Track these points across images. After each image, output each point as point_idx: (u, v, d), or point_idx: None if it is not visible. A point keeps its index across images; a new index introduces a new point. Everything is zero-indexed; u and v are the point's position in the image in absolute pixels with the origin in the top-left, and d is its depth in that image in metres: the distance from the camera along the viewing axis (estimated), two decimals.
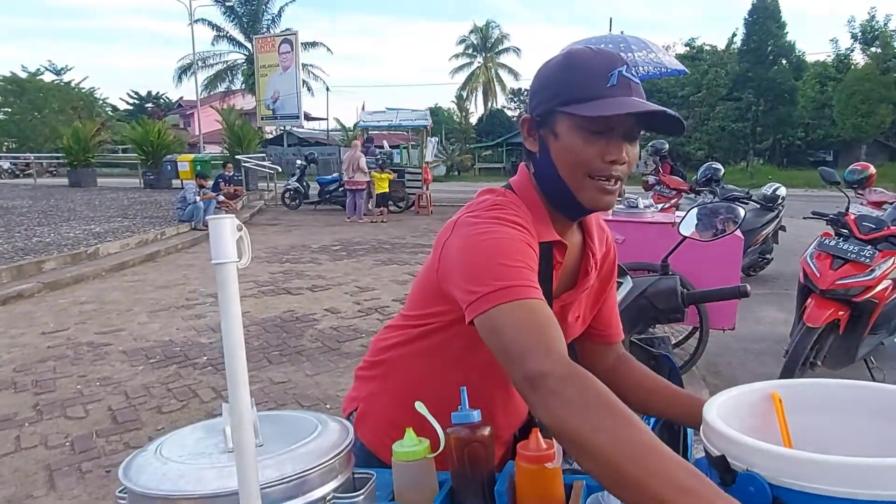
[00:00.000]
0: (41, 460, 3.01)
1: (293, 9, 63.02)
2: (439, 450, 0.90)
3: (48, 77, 36.91)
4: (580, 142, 0.96)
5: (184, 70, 31.64)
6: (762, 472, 0.69)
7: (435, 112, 34.09)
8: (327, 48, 33.87)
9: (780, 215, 7.01)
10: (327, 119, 36.85)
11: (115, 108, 45.36)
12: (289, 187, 15.21)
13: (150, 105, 46.16)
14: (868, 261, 3.38)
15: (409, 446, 0.90)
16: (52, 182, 23.41)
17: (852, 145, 28.80)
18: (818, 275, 3.45)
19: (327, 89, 34.87)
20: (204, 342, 4.80)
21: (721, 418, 0.79)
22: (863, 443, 0.83)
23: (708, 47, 34.96)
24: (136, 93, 49.02)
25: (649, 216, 4.39)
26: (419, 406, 0.93)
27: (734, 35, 32.55)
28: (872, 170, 5.87)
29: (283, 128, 24.49)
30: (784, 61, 29.75)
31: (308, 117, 33.17)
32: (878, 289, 3.38)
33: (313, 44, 31.51)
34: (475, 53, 42.87)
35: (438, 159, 28.67)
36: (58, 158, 24.23)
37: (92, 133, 20.97)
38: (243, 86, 32.24)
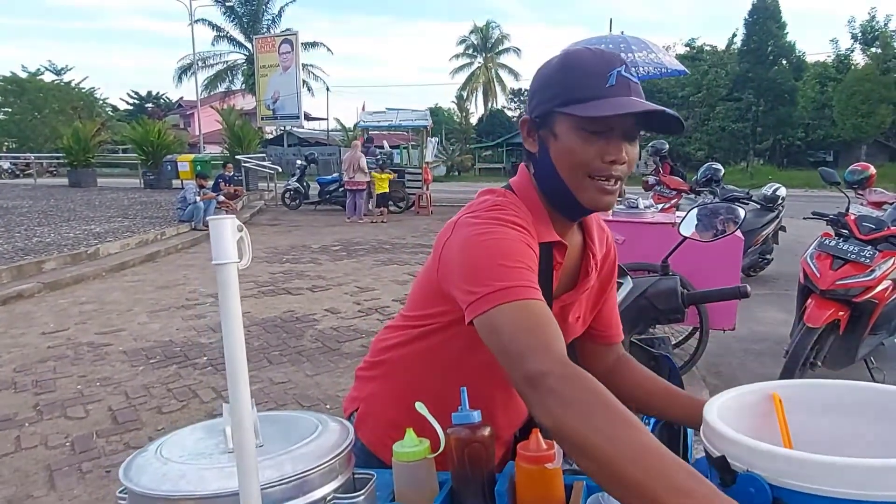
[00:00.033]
0: (41, 460, 3.01)
1: (293, 9, 63.04)
2: (439, 450, 0.90)
3: (48, 77, 37.04)
4: (580, 142, 0.96)
5: (184, 70, 31.67)
6: (762, 473, 0.69)
7: (435, 112, 34.11)
8: (327, 48, 33.84)
9: (780, 216, 7.00)
10: (327, 119, 36.97)
11: (115, 108, 45.44)
12: (289, 187, 15.21)
13: (150, 105, 46.21)
14: (868, 261, 3.38)
15: (409, 447, 0.91)
16: (52, 182, 23.41)
17: (852, 146, 28.79)
18: (818, 275, 3.45)
19: (327, 89, 34.89)
20: (204, 342, 4.80)
21: (721, 419, 0.79)
22: (863, 443, 0.83)
23: (708, 47, 34.97)
24: (136, 93, 49.18)
25: (649, 217, 4.39)
26: (419, 406, 0.93)
27: (734, 35, 32.63)
28: (872, 170, 5.87)
29: (283, 128, 24.50)
30: (784, 62, 29.75)
31: (308, 117, 33.18)
32: (878, 289, 3.38)
33: (313, 44, 31.55)
34: (475, 54, 42.89)
35: (438, 159, 28.69)
36: (58, 158, 24.24)
37: (92, 133, 20.97)
38: (243, 86, 32.24)
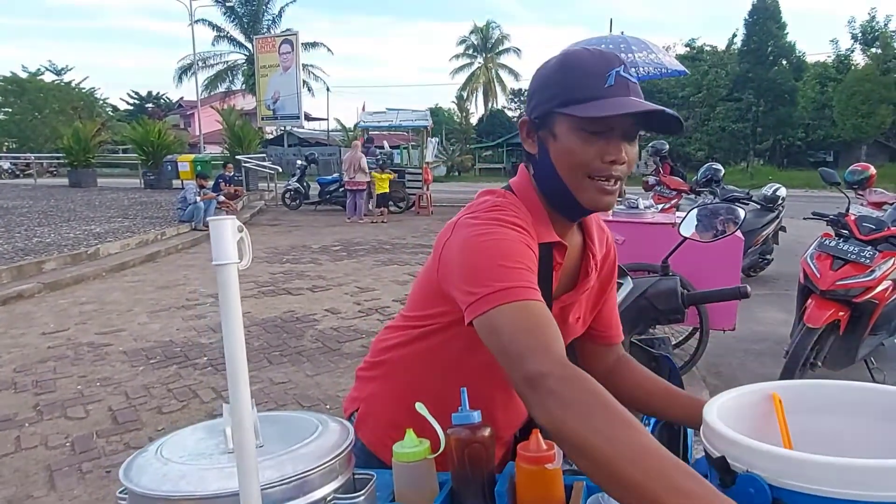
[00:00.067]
0: (41, 460, 3.01)
1: (293, 9, 63.18)
2: (440, 450, 0.90)
3: (48, 77, 37.06)
4: (579, 142, 0.96)
5: (184, 70, 31.64)
6: (762, 473, 0.69)
7: (435, 112, 34.11)
8: (328, 48, 33.72)
9: (780, 216, 7.00)
10: (328, 119, 36.97)
11: (115, 109, 45.47)
12: (289, 187, 15.22)
13: (150, 105, 46.21)
14: (868, 261, 3.38)
15: (409, 447, 0.90)
16: (53, 182, 23.42)
17: (852, 146, 28.79)
18: (818, 275, 3.45)
19: (328, 90, 34.89)
20: (204, 342, 4.80)
21: (721, 419, 0.79)
22: (863, 444, 0.83)
23: (708, 48, 34.98)
24: (137, 93, 49.18)
25: (649, 217, 4.39)
26: (419, 407, 0.93)
27: (734, 35, 32.64)
28: (873, 170, 5.87)
29: (283, 128, 24.52)
30: (784, 62, 29.76)
31: (308, 117, 33.16)
32: (879, 289, 3.38)
33: (314, 44, 31.54)
34: (475, 54, 42.87)
35: (439, 160, 28.69)
36: (58, 159, 24.24)
37: (92, 133, 20.97)
38: (244, 86, 32.23)
